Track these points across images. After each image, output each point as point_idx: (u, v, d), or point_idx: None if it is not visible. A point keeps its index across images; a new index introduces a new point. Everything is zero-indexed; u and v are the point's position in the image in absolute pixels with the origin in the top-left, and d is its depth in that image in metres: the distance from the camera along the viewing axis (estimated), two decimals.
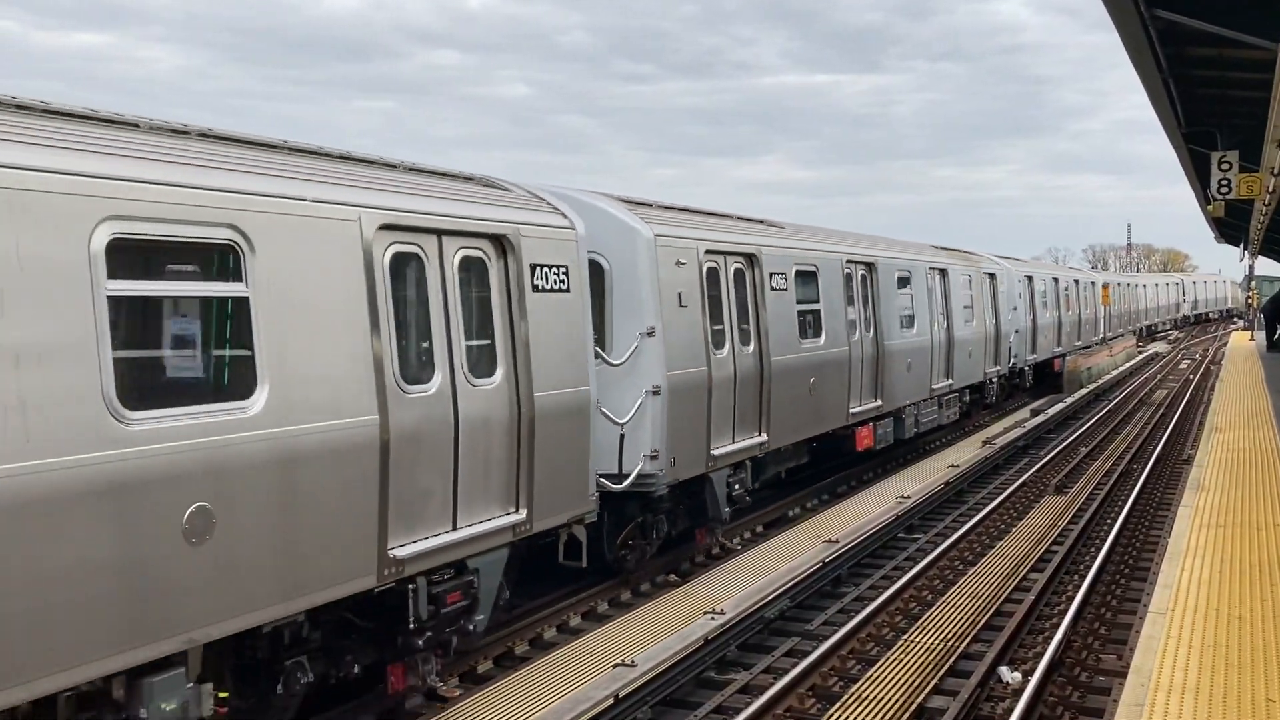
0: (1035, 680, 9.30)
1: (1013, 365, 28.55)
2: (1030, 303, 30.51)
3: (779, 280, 14.98)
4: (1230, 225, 39.32)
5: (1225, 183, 20.28)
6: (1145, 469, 19.53)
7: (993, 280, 26.63)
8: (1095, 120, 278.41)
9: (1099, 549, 13.92)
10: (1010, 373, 28.69)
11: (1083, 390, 33.36)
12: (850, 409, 17.27)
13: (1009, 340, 27.79)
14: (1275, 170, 16.46)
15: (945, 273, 22.69)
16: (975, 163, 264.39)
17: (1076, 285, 39.55)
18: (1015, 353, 28.61)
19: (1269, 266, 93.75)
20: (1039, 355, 31.81)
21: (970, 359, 24.18)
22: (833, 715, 8.73)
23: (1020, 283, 29.54)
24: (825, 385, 16.26)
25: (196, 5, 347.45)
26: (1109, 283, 49.94)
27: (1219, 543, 11.16)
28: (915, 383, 20.44)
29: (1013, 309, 28.11)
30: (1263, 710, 6.90)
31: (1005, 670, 9.87)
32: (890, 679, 9.49)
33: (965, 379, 23.87)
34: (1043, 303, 32.44)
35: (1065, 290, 36.61)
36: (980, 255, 27.42)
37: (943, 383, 22.19)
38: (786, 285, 15.19)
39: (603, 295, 11.68)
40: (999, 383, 27.46)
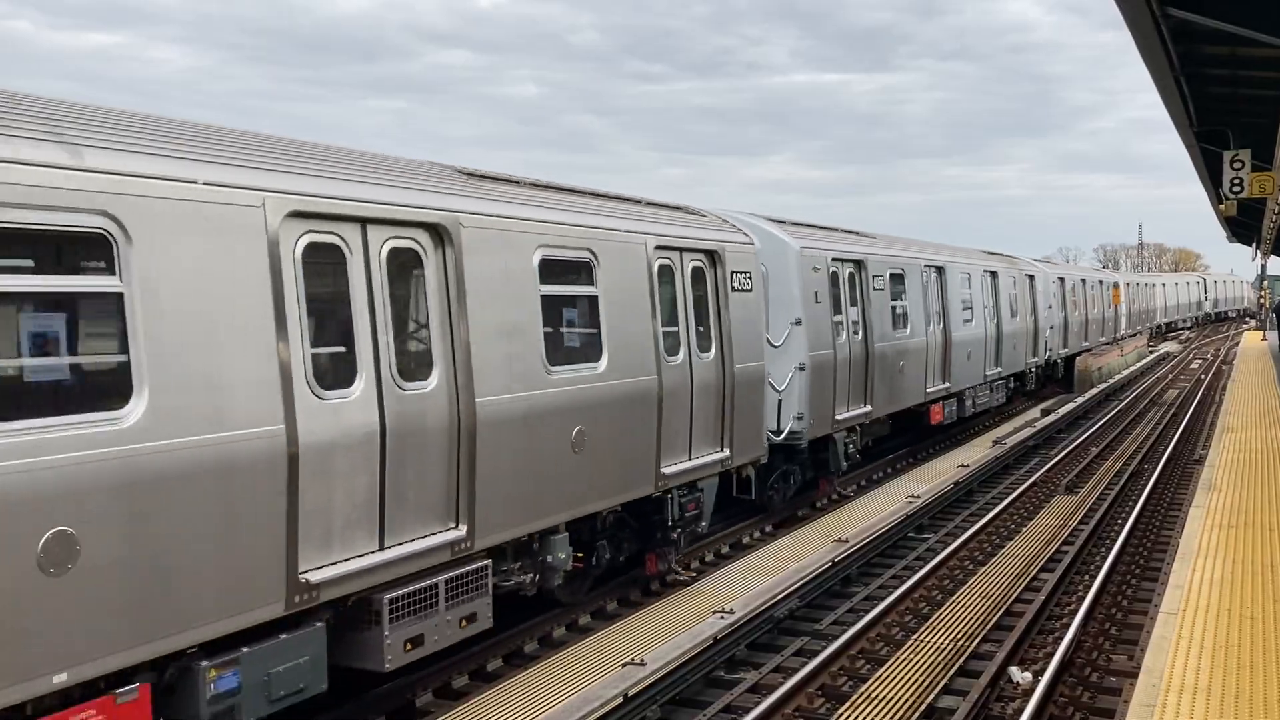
0: (1045, 680, 9.27)
1: (1048, 357, 31.84)
2: (1062, 301, 34.08)
3: (879, 281, 18.56)
4: (1242, 224, 39.16)
5: (1237, 182, 20.20)
6: (1156, 469, 19.44)
7: (1031, 281, 30.05)
8: (1106, 119, 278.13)
9: (1110, 549, 13.87)
10: (1044, 364, 31.74)
11: (1093, 390, 33.34)
12: (926, 389, 20.87)
13: (1045, 335, 31.25)
14: None
15: (996, 275, 26.29)
16: (985, 162, 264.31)
17: (1100, 285, 43.23)
18: (1050, 346, 32.01)
19: None
20: (1070, 349, 35.26)
21: (1015, 350, 27.70)
22: (842, 714, 8.72)
23: (1054, 283, 33.18)
24: (910, 369, 19.87)
25: (209, 5, 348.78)
26: (1130, 282, 53.46)
27: (1230, 543, 11.13)
28: (973, 369, 23.97)
29: (1048, 307, 31.71)
30: (1275, 711, 6.88)
31: (1015, 670, 9.84)
32: (900, 678, 9.47)
33: (1011, 367, 27.39)
34: (1072, 301, 35.95)
35: (1091, 290, 40.24)
36: (1021, 259, 31.01)
37: (994, 370, 25.81)
38: (884, 286, 18.84)
39: (763, 293, 14.51)
40: (1036, 372, 30.90)
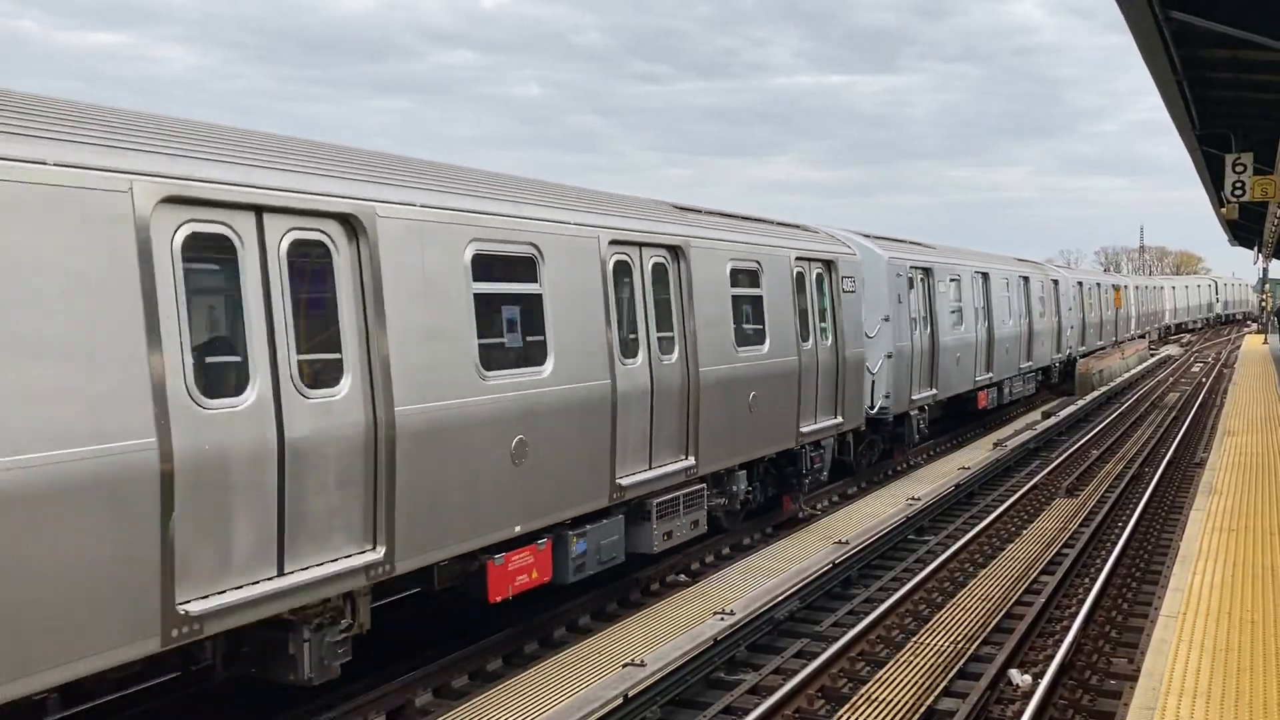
0: (1045, 683, 9.26)
1: (1069, 354, 35.43)
2: (1081, 302, 37.97)
3: (942, 286, 22.22)
4: (1244, 228, 39.12)
5: (1239, 185, 20.18)
6: (1157, 472, 19.43)
7: (1055, 285, 33.63)
8: (1110, 122, 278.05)
9: (1110, 552, 13.86)
10: (1066, 360, 35.07)
11: (1094, 393, 33.37)
12: (976, 378, 24.65)
13: (1066, 333, 35.03)
14: None
15: (1028, 280, 29.89)
16: (989, 164, 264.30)
17: (1114, 289, 47.35)
18: (1070, 344, 35.64)
19: None
20: (1087, 345, 39.13)
21: (1042, 347, 31.30)
22: (842, 716, 8.72)
23: (1074, 286, 37.02)
24: (965, 360, 23.80)
25: (214, 4, 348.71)
26: (1139, 285, 56.74)
27: (1231, 546, 11.13)
28: (1010, 362, 27.57)
29: (1069, 309, 35.38)
30: (1275, 714, 6.88)
31: (1015, 673, 9.84)
32: (900, 680, 9.47)
33: (1039, 362, 30.97)
34: (1089, 303, 39.83)
35: (1105, 293, 44.34)
36: (1046, 265, 35.63)
37: (1026, 364, 29.46)
38: (947, 289, 22.57)
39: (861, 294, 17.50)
40: (1059, 367, 34.28)
